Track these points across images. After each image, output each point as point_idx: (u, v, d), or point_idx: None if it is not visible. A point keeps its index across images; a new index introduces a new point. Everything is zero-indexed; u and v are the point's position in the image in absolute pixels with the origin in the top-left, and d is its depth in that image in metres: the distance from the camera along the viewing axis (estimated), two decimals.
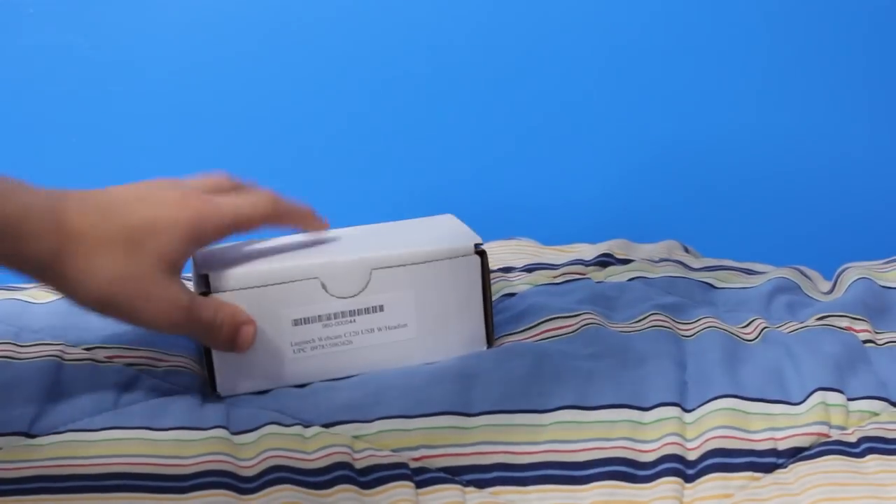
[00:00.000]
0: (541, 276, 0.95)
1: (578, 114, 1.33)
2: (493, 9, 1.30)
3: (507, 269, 0.99)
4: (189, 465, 0.71)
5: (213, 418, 0.76)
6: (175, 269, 0.72)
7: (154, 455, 0.72)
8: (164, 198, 0.73)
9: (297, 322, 0.78)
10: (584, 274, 0.96)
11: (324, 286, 0.78)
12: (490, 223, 1.15)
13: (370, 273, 0.79)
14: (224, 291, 0.76)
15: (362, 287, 0.79)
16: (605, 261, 0.98)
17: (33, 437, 0.74)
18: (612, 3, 1.29)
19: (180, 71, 1.31)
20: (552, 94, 1.32)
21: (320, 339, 0.79)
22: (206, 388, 0.80)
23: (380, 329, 0.80)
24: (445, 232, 0.84)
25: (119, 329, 0.86)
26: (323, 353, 0.79)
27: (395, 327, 0.80)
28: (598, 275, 0.96)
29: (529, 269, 0.98)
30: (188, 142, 1.33)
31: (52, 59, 1.31)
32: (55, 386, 0.79)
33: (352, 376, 0.81)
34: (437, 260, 0.80)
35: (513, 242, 1.07)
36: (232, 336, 0.77)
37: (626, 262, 0.98)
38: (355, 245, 0.81)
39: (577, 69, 1.31)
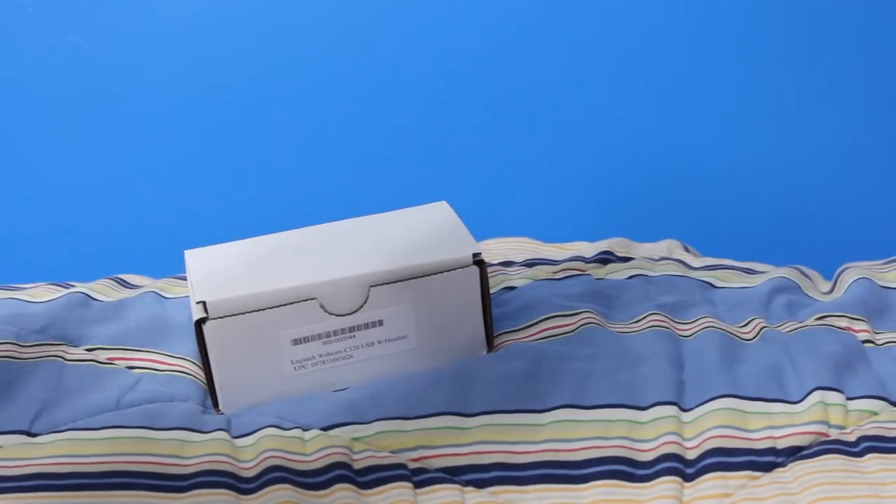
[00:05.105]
0: (541, 271, 0.95)
1: (579, 113, 1.33)
2: (495, 8, 1.30)
3: (507, 264, 0.99)
4: (189, 465, 0.72)
5: (214, 423, 0.76)
6: None
7: (154, 454, 0.72)
8: None
9: (296, 342, 0.78)
10: (584, 270, 0.96)
11: (322, 306, 0.78)
12: (489, 222, 1.15)
13: (368, 290, 0.79)
14: (222, 318, 0.76)
15: (361, 304, 0.78)
16: (605, 258, 0.98)
17: (34, 435, 0.74)
18: (614, 1, 1.29)
19: (180, 70, 1.31)
20: (552, 94, 1.32)
21: (320, 356, 0.79)
22: (207, 399, 0.80)
23: (380, 342, 0.80)
24: (442, 235, 0.83)
25: (120, 329, 0.86)
26: (323, 369, 0.79)
27: (395, 339, 0.80)
28: (598, 272, 0.96)
29: (529, 263, 0.98)
30: (188, 141, 1.33)
31: (52, 58, 1.31)
32: (57, 386, 0.79)
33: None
34: (436, 273, 0.80)
35: (512, 240, 1.06)
36: None
37: (626, 259, 0.98)
38: (351, 257, 0.81)
39: (579, 68, 1.31)
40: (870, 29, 1.29)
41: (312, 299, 0.77)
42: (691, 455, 0.72)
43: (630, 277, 0.94)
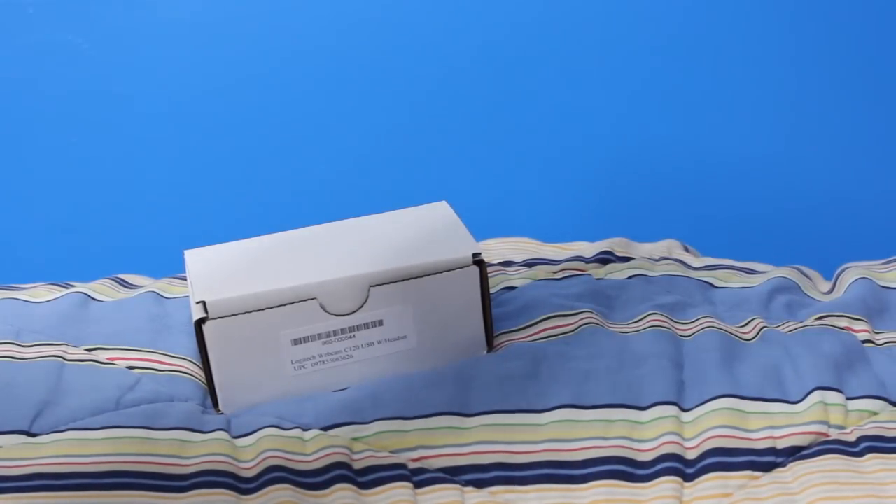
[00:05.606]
0: (540, 271, 0.95)
1: (578, 113, 1.33)
2: (495, 8, 1.30)
3: (507, 264, 0.99)
4: (189, 465, 0.72)
5: (214, 423, 0.76)
6: None
7: (154, 454, 0.72)
8: None
9: (296, 342, 0.78)
10: (584, 270, 0.96)
11: (322, 306, 0.78)
12: (489, 222, 1.15)
13: (368, 290, 0.79)
14: (222, 318, 0.76)
15: (361, 304, 0.79)
16: (605, 258, 0.98)
17: (34, 435, 0.74)
18: (614, 1, 1.29)
19: (180, 70, 1.31)
20: (552, 94, 1.32)
21: (320, 356, 0.79)
22: (207, 399, 0.80)
23: (379, 342, 0.80)
24: (442, 235, 0.83)
25: (120, 329, 0.86)
26: (323, 369, 0.79)
27: (395, 339, 0.80)
28: (598, 272, 0.96)
29: (529, 263, 0.98)
30: (188, 141, 1.33)
31: (52, 58, 1.31)
32: (57, 386, 0.79)
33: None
34: (435, 273, 0.80)
35: (512, 240, 1.07)
36: None
37: (626, 259, 0.98)
38: (351, 257, 0.81)
39: (579, 68, 1.31)
40: (870, 29, 1.29)
41: (312, 299, 0.77)
42: (691, 455, 0.72)
43: (630, 277, 0.94)
